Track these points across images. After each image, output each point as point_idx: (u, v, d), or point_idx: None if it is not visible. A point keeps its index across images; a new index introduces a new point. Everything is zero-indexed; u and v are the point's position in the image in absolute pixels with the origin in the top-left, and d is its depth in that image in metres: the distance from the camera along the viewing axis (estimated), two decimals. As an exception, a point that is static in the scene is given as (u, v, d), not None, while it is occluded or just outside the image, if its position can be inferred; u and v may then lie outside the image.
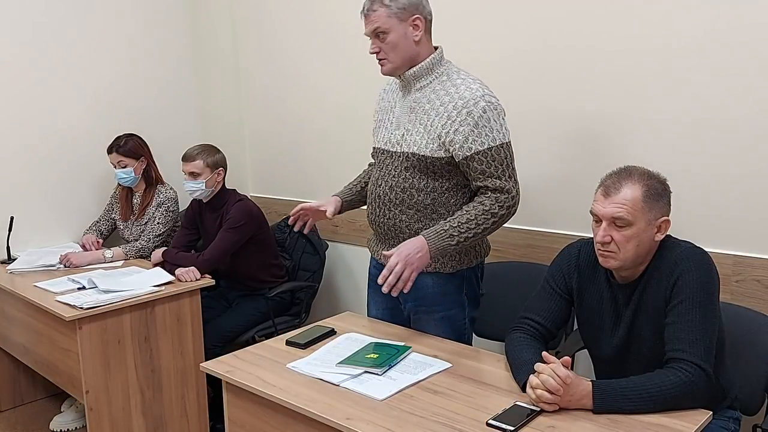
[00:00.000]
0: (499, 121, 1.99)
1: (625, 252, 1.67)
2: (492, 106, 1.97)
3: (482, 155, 1.95)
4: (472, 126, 1.95)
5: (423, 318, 2.15)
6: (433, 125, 2.00)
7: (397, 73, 2.07)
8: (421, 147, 2.01)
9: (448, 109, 1.98)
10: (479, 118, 1.95)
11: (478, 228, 1.95)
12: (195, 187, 3.02)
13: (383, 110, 2.21)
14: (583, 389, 1.54)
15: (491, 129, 1.96)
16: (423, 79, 2.06)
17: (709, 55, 2.14)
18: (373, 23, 2.01)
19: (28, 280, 2.90)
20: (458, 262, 2.09)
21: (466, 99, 1.97)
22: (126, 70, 3.65)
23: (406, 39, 2.01)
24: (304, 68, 3.45)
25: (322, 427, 1.62)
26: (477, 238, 1.98)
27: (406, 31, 2.01)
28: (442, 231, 1.94)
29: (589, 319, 1.85)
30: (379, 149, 2.17)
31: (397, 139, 2.09)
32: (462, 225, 1.95)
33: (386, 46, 2.01)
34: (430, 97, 2.04)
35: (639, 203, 1.64)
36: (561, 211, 2.56)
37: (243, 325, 3.05)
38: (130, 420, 2.68)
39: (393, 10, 1.98)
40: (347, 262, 3.40)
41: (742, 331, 1.96)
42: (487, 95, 1.99)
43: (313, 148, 3.50)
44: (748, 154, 2.11)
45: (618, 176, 1.70)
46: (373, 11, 2.00)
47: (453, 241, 1.94)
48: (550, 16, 2.48)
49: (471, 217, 1.96)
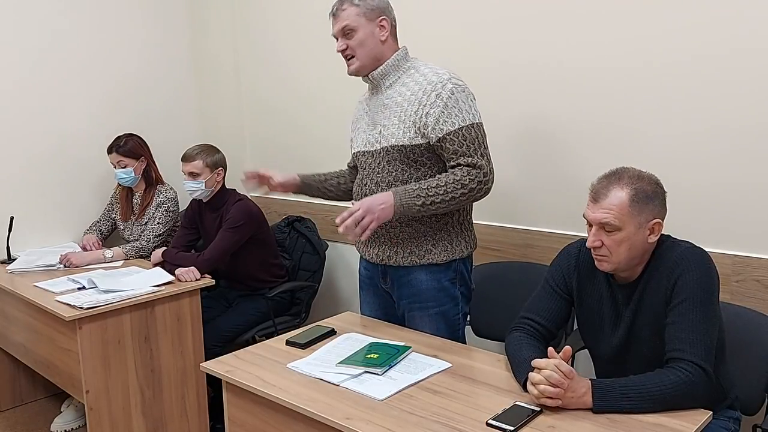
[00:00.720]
0: (467, 102, 2.03)
1: (617, 255, 1.68)
2: (459, 88, 2.03)
3: (453, 135, 1.99)
4: (441, 107, 2.00)
5: (417, 314, 2.16)
6: (407, 113, 2.05)
7: (363, 72, 2.13)
8: (399, 138, 2.06)
9: (417, 95, 2.04)
10: (448, 99, 2.00)
11: (446, 195, 1.97)
12: (195, 187, 3.02)
13: (358, 119, 2.28)
14: (582, 388, 1.55)
15: (460, 110, 2.01)
16: (391, 76, 2.13)
17: (707, 54, 2.14)
18: (342, 21, 2.08)
19: (28, 280, 2.90)
20: (450, 252, 2.11)
21: (434, 83, 2.03)
22: (126, 71, 3.65)
23: (373, 38, 2.09)
24: (304, 70, 3.46)
25: (322, 427, 1.62)
26: (443, 205, 1.99)
27: (373, 30, 2.09)
28: (410, 189, 1.98)
29: (589, 319, 1.85)
30: (359, 152, 2.21)
31: (375, 137, 2.13)
32: (431, 188, 1.97)
33: (354, 43, 2.09)
34: (400, 90, 2.10)
35: (626, 208, 1.64)
36: (560, 211, 2.56)
37: (243, 325, 3.05)
38: (130, 420, 2.68)
39: (362, 9, 2.07)
40: (347, 262, 3.40)
41: (742, 332, 1.96)
42: (454, 78, 2.05)
43: (313, 147, 3.50)
44: (748, 154, 2.11)
45: (607, 180, 1.70)
46: (342, 10, 2.08)
47: (419, 201, 1.97)
48: (551, 22, 2.48)
49: (441, 183, 1.98)
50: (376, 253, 2.18)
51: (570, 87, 2.47)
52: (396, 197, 1.96)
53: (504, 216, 2.73)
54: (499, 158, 2.65)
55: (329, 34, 2.16)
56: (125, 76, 3.65)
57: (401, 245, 2.12)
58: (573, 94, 2.46)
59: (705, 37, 2.14)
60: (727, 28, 2.09)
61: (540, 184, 2.60)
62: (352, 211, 1.93)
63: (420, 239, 2.10)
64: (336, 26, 2.11)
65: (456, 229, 2.14)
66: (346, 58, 2.13)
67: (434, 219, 2.10)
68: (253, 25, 3.69)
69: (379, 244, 2.17)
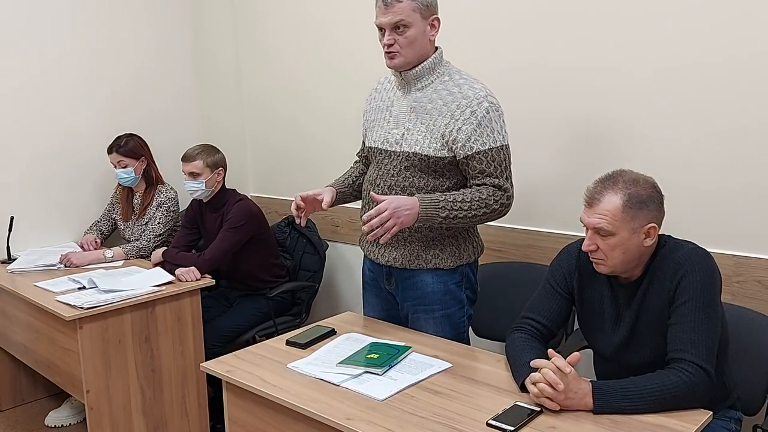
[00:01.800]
0: (500, 122, 2.00)
1: (612, 259, 1.68)
2: (494, 107, 1.99)
3: (483, 155, 1.96)
4: (475, 125, 1.95)
5: (422, 317, 2.14)
6: (436, 125, 2.00)
7: (404, 68, 2.03)
8: (424, 147, 2.01)
9: (451, 108, 1.98)
10: (482, 118, 1.96)
11: (469, 212, 1.96)
12: (195, 187, 3.02)
13: (376, 109, 2.18)
14: (583, 389, 1.54)
15: (493, 130, 1.97)
16: (424, 79, 2.05)
17: (710, 58, 2.14)
18: (396, 14, 1.94)
19: (28, 279, 2.89)
20: (457, 257, 2.10)
21: (470, 99, 1.97)
22: (127, 72, 3.65)
23: (424, 36, 2.00)
24: (304, 72, 3.46)
25: (323, 427, 1.62)
26: (464, 222, 1.98)
27: (425, 28, 1.99)
28: (435, 200, 1.95)
29: (589, 319, 1.85)
30: (375, 149, 2.14)
31: (396, 138, 2.07)
32: (456, 203, 1.96)
33: (404, 40, 1.97)
34: (431, 96, 2.03)
35: (619, 213, 1.64)
36: (561, 211, 2.56)
37: (243, 325, 3.05)
38: (130, 420, 2.68)
39: (419, 5, 1.96)
40: (347, 262, 3.40)
41: (742, 332, 1.96)
42: (490, 96, 2.00)
43: (313, 148, 3.50)
44: (749, 155, 2.11)
45: (602, 185, 1.69)
46: (398, 2, 1.94)
47: (442, 214, 1.94)
48: (551, 23, 2.48)
49: (467, 198, 1.96)
50: (382, 254, 2.15)
51: (570, 88, 2.47)
52: (421, 206, 1.93)
53: (505, 216, 2.72)
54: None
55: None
56: (126, 77, 3.65)
57: (408, 248, 2.09)
58: (573, 95, 2.46)
59: (706, 39, 2.14)
60: (727, 30, 2.09)
61: (541, 185, 2.60)
62: (380, 210, 1.88)
63: (428, 243, 2.08)
64: (387, 17, 1.96)
65: (464, 235, 2.12)
66: (388, 52, 2.00)
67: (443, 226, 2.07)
68: (253, 27, 3.69)
69: (385, 246, 2.13)
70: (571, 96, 2.47)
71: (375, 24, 2.01)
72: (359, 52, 3.12)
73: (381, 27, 2.00)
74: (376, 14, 1.99)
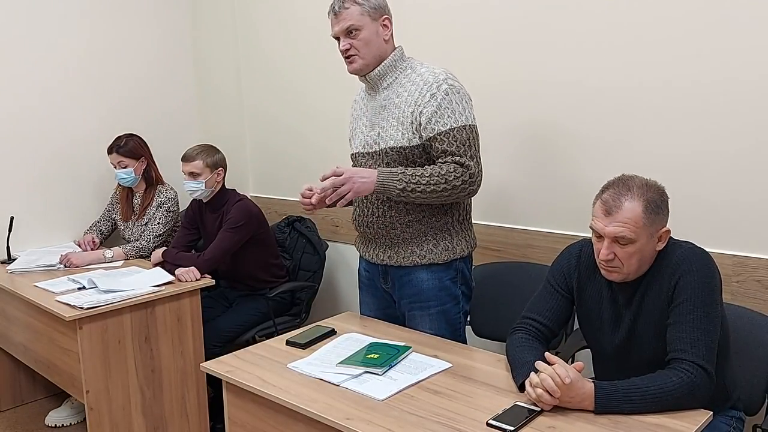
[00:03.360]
0: (462, 103, 2.03)
1: (628, 267, 1.67)
2: (454, 89, 2.02)
3: (444, 135, 1.99)
4: (435, 107, 2.00)
5: (417, 314, 2.16)
6: (404, 115, 2.05)
7: (365, 71, 2.11)
8: (397, 139, 2.05)
9: (413, 95, 2.04)
10: (442, 99, 2.00)
11: (427, 186, 1.97)
12: (195, 187, 3.02)
13: (356, 119, 2.26)
14: (585, 391, 1.54)
15: (453, 111, 2.00)
16: (389, 77, 2.12)
17: (709, 55, 2.14)
18: (345, 21, 2.06)
19: (28, 280, 2.90)
20: (451, 251, 2.11)
21: (429, 83, 2.02)
22: (128, 73, 3.65)
23: (378, 37, 2.08)
24: (303, 74, 3.46)
25: (323, 427, 1.62)
26: (424, 196, 1.99)
27: (377, 29, 2.08)
28: (394, 172, 1.99)
29: (589, 319, 1.85)
30: (358, 154, 2.20)
31: (374, 139, 2.12)
32: (414, 176, 1.98)
33: (358, 43, 2.06)
34: (398, 91, 2.09)
35: (641, 220, 1.63)
36: (560, 211, 2.56)
37: (243, 325, 3.05)
38: (130, 420, 2.68)
39: (366, 8, 2.05)
40: (347, 262, 3.40)
41: (742, 332, 1.96)
42: (450, 79, 2.04)
43: (312, 148, 3.50)
44: (749, 155, 2.11)
45: (617, 191, 1.66)
46: (345, 9, 2.05)
47: (400, 185, 1.97)
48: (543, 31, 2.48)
49: (425, 173, 1.98)
50: (377, 254, 2.18)
51: (570, 91, 2.47)
52: (378, 176, 1.97)
53: (504, 216, 2.73)
54: (500, 160, 2.67)
55: (329, 38, 2.15)
56: (127, 79, 3.65)
57: (402, 245, 2.12)
58: (573, 97, 2.46)
59: (701, 45, 2.14)
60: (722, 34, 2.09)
61: (540, 185, 2.60)
62: (336, 173, 1.94)
63: (421, 239, 2.10)
64: (338, 26, 2.08)
65: (456, 229, 2.14)
66: (347, 57, 2.10)
67: (434, 219, 2.10)
68: (254, 30, 3.69)
69: (379, 245, 2.16)
70: (570, 99, 2.47)
71: (331, 36, 2.11)
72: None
73: (336, 36, 2.10)
74: (331, 27, 2.10)
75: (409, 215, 2.09)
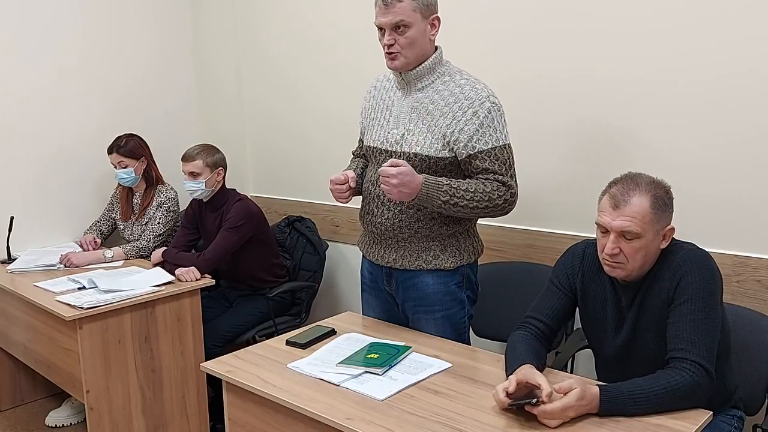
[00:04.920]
0: (501, 122, 2.00)
1: (633, 263, 1.67)
2: (496, 107, 1.98)
3: (486, 154, 1.96)
4: (477, 126, 1.95)
5: (422, 318, 2.14)
6: (438, 125, 1.99)
7: (405, 69, 2.02)
8: (425, 147, 2.00)
9: (453, 109, 1.98)
10: (484, 118, 1.95)
11: (470, 202, 1.95)
12: (195, 187, 3.02)
13: (375, 108, 2.17)
14: (591, 395, 1.52)
15: (495, 129, 1.97)
16: (425, 79, 2.03)
17: (710, 57, 2.14)
18: (397, 15, 1.93)
19: (28, 280, 2.89)
20: (458, 258, 2.09)
21: (471, 99, 1.97)
22: (128, 73, 3.65)
23: (424, 36, 1.98)
24: (304, 74, 3.46)
25: (323, 427, 1.62)
26: (464, 211, 1.97)
27: (425, 28, 1.98)
28: (440, 183, 1.94)
29: (592, 320, 1.85)
30: (375, 149, 2.13)
31: (396, 138, 2.06)
32: (459, 190, 1.94)
33: (405, 40, 1.96)
34: (433, 97, 2.02)
35: (648, 215, 1.63)
36: (562, 211, 2.56)
37: (243, 325, 3.05)
38: (130, 420, 2.68)
39: (419, 4, 1.95)
40: (347, 262, 3.40)
41: (742, 332, 1.96)
42: (492, 96, 1.99)
43: (312, 148, 3.50)
44: (749, 154, 2.11)
45: (625, 186, 1.66)
46: (399, 1, 1.92)
47: (443, 198, 1.93)
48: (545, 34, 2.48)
49: (471, 188, 1.95)
50: (382, 256, 2.15)
51: (570, 91, 2.46)
52: (423, 186, 1.91)
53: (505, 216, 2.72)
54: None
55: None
56: (127, 78, 3.65)
57: (408, 249, 2.09)
58: (574, 97, 2.46)
59: (708, 45, 2.14)
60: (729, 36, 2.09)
61: (542, 185, 2.60)
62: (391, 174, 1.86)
63: (428, 244, 2.07)
64: (387, 17, 1.94)
65: (464, 236, 2.12)
66: (389, 53, 1.98)
67: (445, 228, 2.06)
68: (254, 29, 3.69)
69: (385, 247, 2.13)
70: (574, 101, 2.47)
71: (375, 24, 1.99)
72: (358, 54, 3.12)
73: (381, 27, 1.98)
74: (376, 14, 1.98)
75: (419, 222, 2.05)
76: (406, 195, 1.91)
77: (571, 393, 1.50)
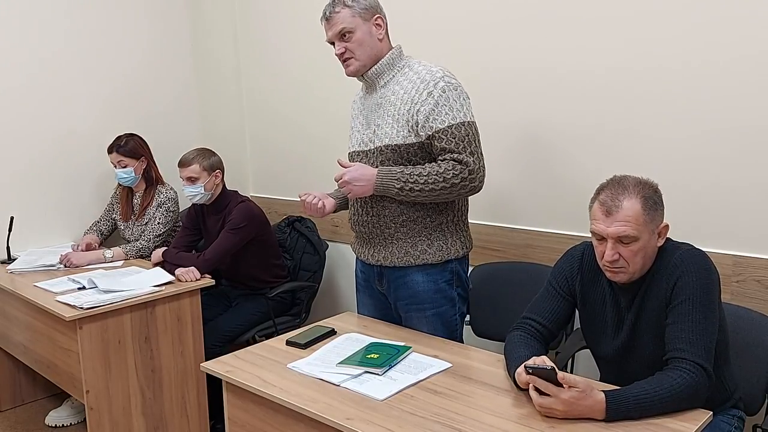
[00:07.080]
0: (459, 101, 2.03)
1: (634, 265, 1.67)
2: (451, 86, 2.03)
3: (442, 133, 2.00)
4: (432, 105, 2.00)
5: (414, 316, 2.16)
6: (400, 112, 2.05)
7: (362, 72, 2.12)
8: (392, 137, 2.06)
9: (411, 94, 2.04)
10: (439, 97, 2.00)
11: (426, 185, 1.99)
12: (194, 192, 3.01)
13: (354, 118, 2.28)
14: (597, 401, 1.51)
15: (451, 108, 2.01)
16: (386, 75, 2.12)
17: (704, 55, 2.14)
18: (337, 24, 2.07)
19: (28, 280, 2.89)
20: (445, 252, 2.11)
21: (426, 81, 2.03)
22: (127, 72, 3.65)
23: (372, 37, 2.09)
24: (304, 72, 3.46)
25: (323, 427, 1.62)
26: (423, 195, 2.01)
27: (370, 29, 2.09)
28: (393, 171, 2.02)
29: (592, 322, 1.85)
30: (354, 152, 2.21)
31: (369, 137, 2.14)
32: (413, 175, 2.00)
33: (352, 45, 2.08)
34: (394, 89, 2.09)
35: (642, 217, 1.63)
36: (560, 211, 2.56)
37: (243, 325, 3.05)
38: (130, 420, 2.68)
39: (356, 10, 2.06)
40: (347, 262, 3.40)
41: (742, 332, 1.96)
42: (447, 76, 2.04)
43: (313, 148, 3.50)
44: (749, 154, 2.11)
45: (614, 191, 1.66)
46: (336, 13, 2.06)
47: (398, 185, 2.00)
48: (538, 27, 2.48)
49: (424, 172, 2.00)
50: (372, 254, 2.18)
51: (568, 90, 2.46)
52: (377, 177, 2.01)
53: (504, 216, 2.73)
54: (500, 160, 2.67)
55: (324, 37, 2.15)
56: (126, 77, 3.65)
57: (396, 245, 2.12)
58: (571, 96, 2.46)
59: (702, 38, 2.14)
60: (723, 28, 2.09)
61: (539, 185, 2.60)
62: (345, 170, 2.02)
63: (415, 239, 2.10)
64: (331, 30, 2.09)
65: (451, 229, 2.14)
66: (343, 61, 2.11)
67: (429, 219, 2.09)
68: (253, 27, 3.69)
69: (374, 245, 2.16)
70: (568, 98, 2.47)
71: (327, 42, 2.13)
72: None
73: (331, 42, 2.11)
74: (325, 33, 2.11)
75: (402, 215, 2.09)
76: (363, 189, 2.03)
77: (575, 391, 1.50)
